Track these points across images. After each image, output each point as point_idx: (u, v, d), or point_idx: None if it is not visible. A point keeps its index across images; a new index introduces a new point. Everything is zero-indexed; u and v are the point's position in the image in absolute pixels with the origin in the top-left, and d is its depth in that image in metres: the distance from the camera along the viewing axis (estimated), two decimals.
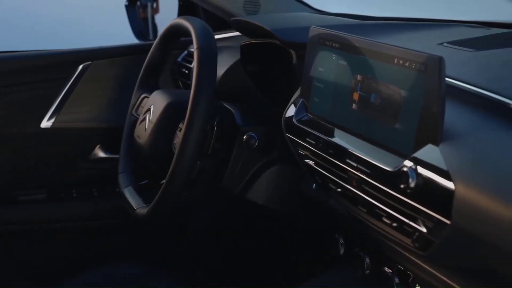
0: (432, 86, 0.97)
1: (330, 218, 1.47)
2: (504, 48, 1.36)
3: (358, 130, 1.16)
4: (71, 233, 2.21)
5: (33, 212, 2.18)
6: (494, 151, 0.94)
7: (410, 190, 1.00)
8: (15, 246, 2.18)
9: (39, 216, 2.18)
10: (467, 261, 1.01)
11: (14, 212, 2.17)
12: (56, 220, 2.19)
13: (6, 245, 2.16)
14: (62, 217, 2.20)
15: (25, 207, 2.18)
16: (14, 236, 2.16)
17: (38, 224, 2.18)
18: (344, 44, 1.20)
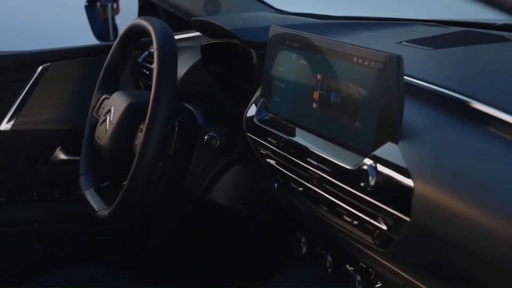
0: (391, 85, 0.97)
1: (292, 217, 1.47)
2: (462, 46, 1.37)
3: (318, 129, 1.16)
4: (33, 236, 2.18)
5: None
6: (452, 149, 0.94)
7: (370, 188, 1.00)
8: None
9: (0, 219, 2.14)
10: (427, 258, 1.02)
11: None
12: (17, 223, 2.16)
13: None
14: (23, 220, 2.16)
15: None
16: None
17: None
18: (304, 44, 1.20)
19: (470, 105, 1.01)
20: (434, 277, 1.06)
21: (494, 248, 0.83)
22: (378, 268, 1.18)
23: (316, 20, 1.80)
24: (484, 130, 0.97)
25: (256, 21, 1.74)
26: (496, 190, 0.85)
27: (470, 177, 0.88)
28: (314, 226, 1.34)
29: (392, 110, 0.97)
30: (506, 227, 0.81)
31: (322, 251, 1.36)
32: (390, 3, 2.03)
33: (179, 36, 2.14)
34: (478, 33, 1.52)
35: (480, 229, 0.84)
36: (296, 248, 1.43)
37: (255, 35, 1.53)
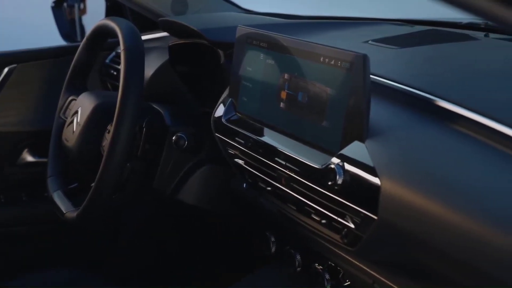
0: (357, 84, 0.98)
1: (261, 217, 1.46)
2: (428, 45, 1.38)
3: (286, 129, 1.16)
4: (0, 239, 2.14)
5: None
6: (419, 147, 0.95)
7: (338, 186, 1.00)
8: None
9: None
10: (395, 256, 1.02)
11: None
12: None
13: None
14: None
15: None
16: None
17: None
18: (271, 43, 1.19)
19: (436, 104, 1.02)
20: (403, 275, 1.07)
21: (461, 245, 0.83)
22: (346, 266, 1.19)
23: (284, 20, 1.80)
24: (450, 128, 0.97)
25: (224, 21, 1.73)
26: (462, 187, 0.85)
27: (436, 175, 0.89)
28: (283, 225, 1.34)
29: (359, 109, 0.98)
30: (472, 224, 0.82)
31: (291, 250, 1.36)
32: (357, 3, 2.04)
33: (147, 36, 2.12)
34: (444, 31, 1.53)
35: (447, 227, 0.84)
36: (265, 247, 1.43)
37: (222, 35, 1.52)
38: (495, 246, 0.79)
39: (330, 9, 1.98)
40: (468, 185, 0.85)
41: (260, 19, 1.84)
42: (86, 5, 3.70)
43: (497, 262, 0.79)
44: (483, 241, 0.80)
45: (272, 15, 1.88)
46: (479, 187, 0.84)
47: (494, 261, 0.79)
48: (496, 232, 0.79)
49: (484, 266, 0.81)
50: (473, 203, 0.83)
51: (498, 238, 0.79)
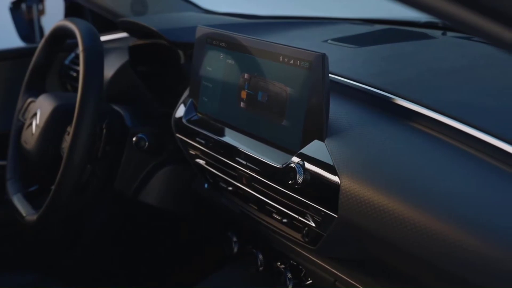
0: (316, 83, 0.98)
1: (223, 217, 1.46)
2: (386, 43, 1.39)
3: (246, 128, 1.15)
4: None
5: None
6: (377, 145, 0.95)
7: (298, 185, 1.00)
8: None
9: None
10: (355, 253, 1.03)
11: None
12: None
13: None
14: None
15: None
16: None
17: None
18: (231, 43, 1.19)
19: (394, 102, 1.02)
20: (364, 272, 1.07)
21: (419, 242, 0.84)
22: (308, 265, 1.19)
23: (244, 20, 1.80)
24: (408, 126, 0.98)
25: (183, 21, 1.72)
26: (419, 184, 0.86)
27: (394, 172, 0.89)
28: (245, 225, 1.34)
29: (318, 108, 0.98)
30: (430, 220, 0.82)
31: (253, 250, 1.36)
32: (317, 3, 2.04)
33: (107, 37, 2.10)
34: (402, 30, 1.54)
35: (405, 224, 0.84)
36: (227, 247, 1.42)
37: (182, 35, 1.51)
38: (453, 243, 0.79)
39: (290, 9, 1.98)
40: (426, 182, 0.86)
41: (220, 19, 1.83)
42: (44, 6, 3.65)
43: (455, 258, 0.80)
44: (440, 237, 0.80)
45: (232, 15, 1.88)
46: (437, 183, 0.85)
47: (452, 258, 0.80)
48: (453, 228, 0.80)
49: (442, 263, 0.82)
50: (431, 200, 0.83)
51: (456, 234, 0.79)
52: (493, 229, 0.76)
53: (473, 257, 0.78)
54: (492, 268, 0.76)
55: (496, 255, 0.75)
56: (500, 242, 0.75)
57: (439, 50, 1.36)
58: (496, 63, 1.15)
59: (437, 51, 1.35)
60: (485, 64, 1.18)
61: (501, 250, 0.75)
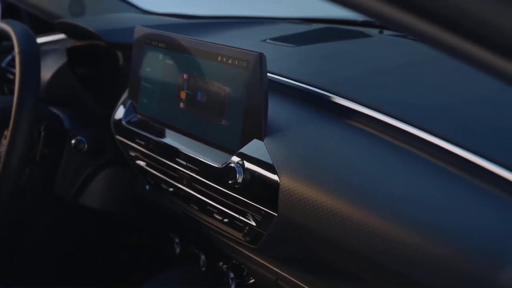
0: (254, 82, 0.97)
1: (165, 218, 1.44)
2: (324, 42, 1.39)
3: (186, 129, 1.14)
4: None
5: None
6: (316, 143, 0.95)
7: (238, 185, 0.99)
8: None
9: None
10: (296, 251, 1.03)
11: None
12: None
13: None
14: None
15: None
16: None
17: None
18: (170, 44, 1.17)
19: (332, 100, 1.02)
20: (305, 270, 1.07)
21: (358, 239, 0.84)
22: (250, 264, 1.18)
23: (183, 20, 1.79)
24: (346, 124, 0.98)
25: (122, 22, 1.70)
26: (358, 181, 0.86)
27: (333, 170, 0.89)
28: (187, 226, 1.32)
29: (257, 107, 0.97)
30: (368, 217, 0.82)
31: (195, 250, 1.34)
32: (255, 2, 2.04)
33: (44, 39, 2.05)
34: (340, 29, 1.55)
35: (344, 221, 0.85)
36: (170, 248, 1.41)
37: (120, 36, 1.49)
38: (390, 239, 0.80)
39: (229, 9, 1.97)
40: (364, 179, 0.86)
41: (159, 19, 1.81)
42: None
43: (393, 255, 0.80)
44: (379, 234, 0.81)
45: (171, 16, 1.86)
46: (375, 181, 0.85)
47: (390, 254, 0.80)
48: (392, 225, 0.80)
49: (381, 259, 0.82)
50: (369, 198, 0.83)
51: (394, 231, 0.80)
52: (431, 225, 0.77)
53: (410, 253, 0.78)
54: (432, 265, 0.76)
55: (435, 252, 0.76)
56: (439, 239, 0.76)
57: (376, 49, 1.37)
58: (431, 60, 1.17)
59: (374, 50, 1.36)
60: (421, 62, 1.19)
61: (440, 247, 0.76)
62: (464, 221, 0.76)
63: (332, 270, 1.00)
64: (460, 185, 0.80)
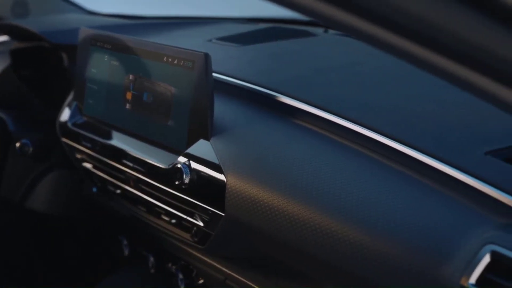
0: (200, 82, 0.96)
1: (113, 220, 1.42)
2: (270, 42, 1.39)
3: (133, 130, 1.13)
4: None
5: None
6: (262, 142, 0.94)
7: (185, 185, 0.98)
8: None
9: None
10: (244, 251, 1.02)
11: None
12: None
13: None
14: None
15: None
16: None
17: None
18: (115, 45, 1.16)
19: (277, 99, 1.02)
20: (254, 270, 1.07)
21: (305, 237, 0.84)
22: (199, 264, 1.17)
23: (129, 21, 1.76)
24: (292, 123, 0.98)
25: (66, 23, 1.66)
26: (303, 180, 0.86)
27: (278, 169, 0.89)
28: (135, 227, 1.30)
29: (203, 107, 0.96)
30: (314, 215, 0.82)
31: (144, 252, 1.33)
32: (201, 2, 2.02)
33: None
34: (286, 28, 1.55)
35: (290, 220, 0.84)
36: (118, 251, 1.39)
37: (65, 37, 1.46)
38: (335, 236, 0.80)
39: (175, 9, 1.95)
40: (309, 178, 0.86)
41: (104, 20, 1.78)
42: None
43: (338, 252, 0.80)
44: (325, 232, 0.81)
45: (117, 16, 1.83)
46: (320, 179, 0.85)
47: (335, 252, 0.81)
48: (337, 222, 0.80)
49: (328, 257, 0.82)
50: (314, 196, 0.83)
51: (340, 228, 0.80)
52: (377, 224, 0.77)
53: (357, 251, 0.78)
54: (379, 263, 0.77)
55: (382, 250, 0.76)
56: (386, 237, 0.76)
57: (322, 48, 1.38)
58: (374, 59, 1.17)
59: (319, 49, 1.37)
60: (364, 61, 1.20)
61: (387, 245, 0.76)
62: (410, 219, 0.76)
63: (281, 269, 1.00)
64: (405, 183, 0.81)
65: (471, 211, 0.75)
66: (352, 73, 1.14)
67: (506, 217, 0.73)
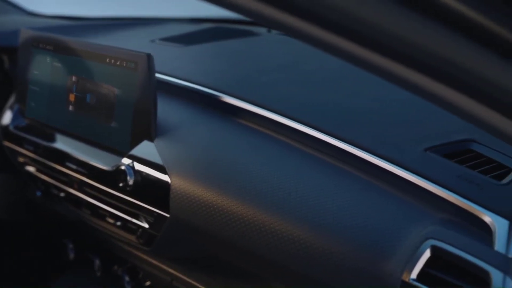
0: (143, 83, 0.95)
1: (58, 224, 1.39)
2: (213, 42, 1.39)
3: (76, 132, 1.10)
4: None
5: None
6: (205, 142, 0.94)
7: (129, 187, 0.97)
8: None
9: None
10: (190, 251, 1.01)
11: None
12: None
13: None
14: None
15: None
16: None
17: None
18: (58, 46, 1.13)
19: (222, 100, 1.01)
20: (201, 270, 1.06)
21: (249, 236, 0.83)
22: (145, 266, 1.16)
23: (71, 22, 1.73)
24: (236, 123, 0.97)
25: (6, 25, 1.62)
26: (247, 180, 0.85)
27: (222, 169, 0.88)
28: (80, 230, 1.28)
29: (146, 108, 0.95)
30: (258, 214, 0.82)
31: (90, 255, 1.31)
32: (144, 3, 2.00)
33: None
34: (229, 29, 1.54)
35: (235, 219, 0.84)
36: (64, 255, 1.36)
37: (5, 39, 1.43)
38: (280, 234, 0.80)
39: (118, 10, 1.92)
40: (252, 177, 0.85)
41: (46, 22, 1.75)
42: None
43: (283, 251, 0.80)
44: (269, 231, 0.81)
45: (59, 18, 1.80)
46: (264, 179, 0.85)
47: (280, 251, 0.80)
48: (281, 221, 0.80)
49: (273, 256, 0.82)
50: (258, 195, 0.83)
51: (283, 227, 0.80)
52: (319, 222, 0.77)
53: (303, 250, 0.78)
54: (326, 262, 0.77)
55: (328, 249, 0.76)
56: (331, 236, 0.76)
57: (265, 47, 1.38)
58: (317, 58, 1.18)
59: (263, 48, 1.36)
60: (307, 60, 1.20)
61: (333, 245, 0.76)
62: (351, 217, 0.76)
63: (227, 269, 0.99)
64: (347, 180, 0.81)
65: (411, 207, 0.76)
66: (295, 72, 1.14)
67: (445, 212, 0.74)
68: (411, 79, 0.49)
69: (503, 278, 0.64)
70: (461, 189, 0.75)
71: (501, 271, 0.64)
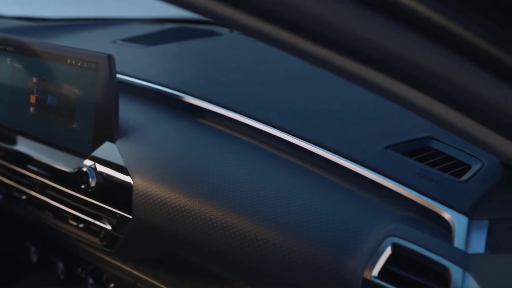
0: (104, 84, 0.94)
1: (20, 227, 1.37)
2: (175, 42, 1.38)
3: (37, 134, 1.09)
4: None
5: None
6: (167, 143, 0.93)
7: (91, 189, 0.96)
8: None
9: None
10: (154, 252, 1.00)
11: None
12: None
13: None
14: None
15: None
16: None
17: None
18: (18, 47, 1.11)
19: (183, 100, 1.01)
20: (164, 271, 1.05)
21: (212, 236, 0.83)
22: (109, 268, 1.14)
23: (32, 23, 1.71)
24: (197, 123, 0.97)
25: None
26: (207, 179, 0.85)
27: (184, 169, 0.88)
28: (43, 233, 1.26)
29: (108, 109, 0.94)
30: (220, 214, 0.81)
31: (53, 258, 1.28)
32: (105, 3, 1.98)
33: None
34: (191, 28, 1.53)
35: (196, 219, 0.83)
36: (26, 258, 1.34)
37: None
38: (241, 234, 0.79)
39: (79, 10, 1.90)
40: (215, 177, 0.85)
41: (6, 23, 1.72)
42: None
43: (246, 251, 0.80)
44: (231, 230, 0.80)
45: (20, 19, 1.77)
46: (224, 178, 0.84)
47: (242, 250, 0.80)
48: (242, 221, 0.80)
49: (235, 256, 0.82)
50: (219, 195, 0.83)
51: (245, 226, 0.79)
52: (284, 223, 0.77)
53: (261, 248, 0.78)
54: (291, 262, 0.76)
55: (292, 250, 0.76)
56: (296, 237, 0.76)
57: (227, 47, 1.37)
58: (279, 58, 1.18)
59: (225, 48, 1.36)
60: (269, 60, 1.20)
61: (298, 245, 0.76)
62: (313, 216, 0.76)
63: (192, 269, 0.99)
64: (308, 179, 0.81)
65: (373, 205, 0.76)
66: (257, 72, 1.14)
67: (406, 209, 0.75)
68: (369, 78, 0.49)
69: (462, 274, 0.64)
70: (420, 186, 0.75)
71: (461, 267, 0.64)
